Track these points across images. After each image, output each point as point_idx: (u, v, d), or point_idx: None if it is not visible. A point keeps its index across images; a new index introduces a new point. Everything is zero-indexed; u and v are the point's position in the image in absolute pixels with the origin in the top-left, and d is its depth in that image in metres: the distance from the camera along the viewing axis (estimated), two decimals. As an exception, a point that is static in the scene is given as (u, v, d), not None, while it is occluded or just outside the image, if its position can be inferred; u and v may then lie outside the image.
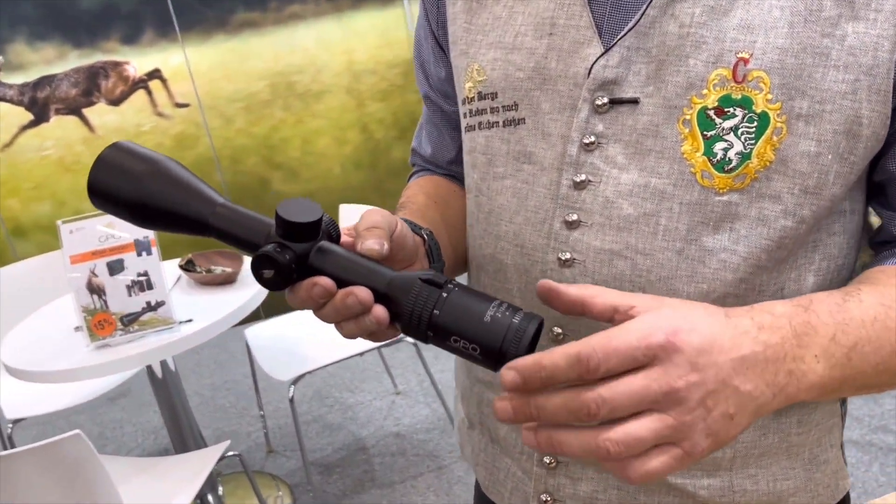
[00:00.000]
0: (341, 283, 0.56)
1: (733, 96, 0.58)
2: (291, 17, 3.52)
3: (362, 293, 0.54)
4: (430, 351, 3.14)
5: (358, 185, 3.82)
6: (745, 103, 0.57)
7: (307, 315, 2.62)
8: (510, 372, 0.48)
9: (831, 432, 0.73)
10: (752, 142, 0.58)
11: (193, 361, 3.56)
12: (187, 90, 3.48)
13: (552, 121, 0.65)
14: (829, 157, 0.58)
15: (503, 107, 0.68)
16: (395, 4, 3.63)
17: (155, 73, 3.43)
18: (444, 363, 3.10)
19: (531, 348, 0.52)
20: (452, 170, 0.89)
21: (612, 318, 0.51)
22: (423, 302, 0.53)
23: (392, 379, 3.02)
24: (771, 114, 0.57)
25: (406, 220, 0.68)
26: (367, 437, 2.72)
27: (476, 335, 0.52)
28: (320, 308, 0.56)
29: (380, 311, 0.54)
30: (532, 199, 0.68)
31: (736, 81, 0.57)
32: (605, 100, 0.62)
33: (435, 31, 0.79)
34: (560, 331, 0.68)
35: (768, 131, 0.58)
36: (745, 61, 0.57)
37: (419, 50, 0.85)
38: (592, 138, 0.63)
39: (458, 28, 0.73)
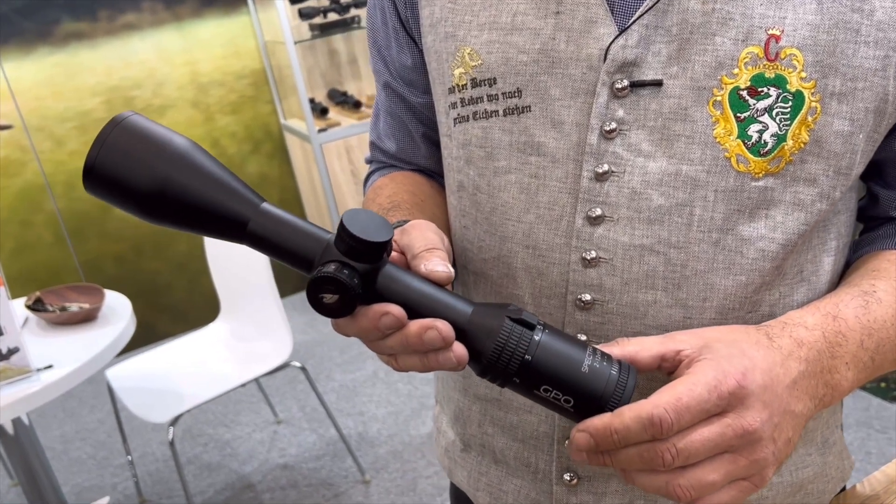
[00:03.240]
0: (412, 312, 0.48)
1: (766, 75, 0.54)
2: (125, 27, 3.24)
3: (445, 329, 0.47)
4: (320, 372, 2.99)
5: (212, 205, 3.58)
6: (779, 82, 0.54)
7: (170, 350, 2.41)
8: (583, 434, 0.48)
9: (835, 413, 0.72)
10: (788, 123, 0.55)
11: (37, 412, 3.17)
12: (8, 110, 3.11)
13: (564, 108, 0.59)
14: (861, 136, 0.56)
15: (503, 94, 0.61)
16: (241, 12, 3.44)
17: (-32, 92, 3.04)
18: (324, 384, 2.96)
19: None
20: (422, 165, 0.81)
21: (661, 366, 0.51)
22: (515, 345, 0.47)
23: (272, 408, 2.84)
24: (805, 93, 0.54)
25: None
26: (251, 473, 2.53)
27: (573, 387, 0.48)
28: (383, 339, 0.48)
29: (461, 349, 0.48)
30: (544, 195, 0.61)
31: (769, 59, 0.54)
32: (626, 83, 0.56)
33: (401, 13, 0.70)
34: (585, 338, 0.62)
35: (803, 111, 0.54)
36: (777, 38, 0.53)
37: (375, 36, 0.75)
38: (613, 125, 0.57)
39: (437, 8, 0.65)
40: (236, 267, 2.39)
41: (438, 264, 0.50)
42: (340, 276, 0.46)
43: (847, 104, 0.55)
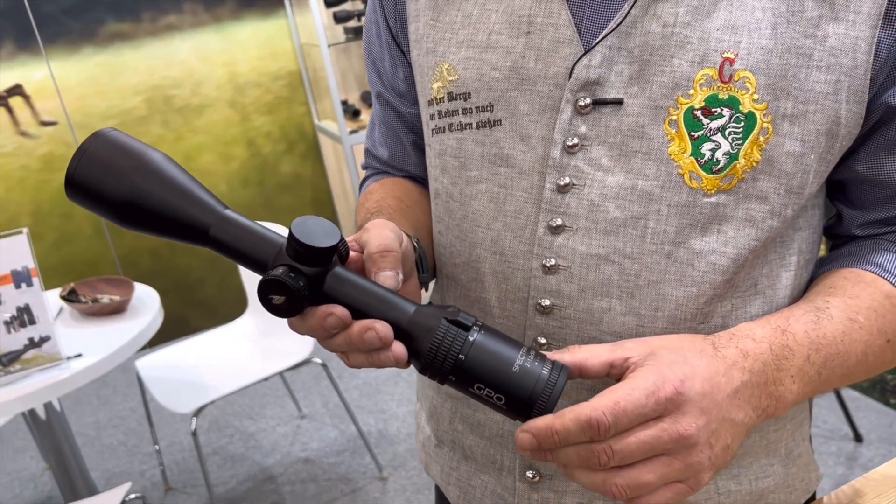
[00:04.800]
0: (357, 313, 0.52)
1: (720, 96, 0.56)
2: (167, 28, 3.34)
3: (383, 330, 0.50)
4: (336, 370, 3.05)
5: (246, 203, 3.67)
6: (732, 103, 0.56)
7: (199, 343, 2.48)
8: (526, 434, 0.50)
9: (802, 426, 0.73)
10: (740, 142, 0.57)
11: (72, 399, 3.29)
12: (54, 107, 3.23)
13: (531, 122, 0.62)
14: (812, 157, 0.58)
15: (477, 108, 0.64)
16: (279, 15, 3.52)
17: (16, 90, 3.16)
18: (348, 381, 3.02)
19: None
20: (413, 172, 0.84)
21: (610, 373, 0.53)
22: (449, 345, 0.50)
23: (295, 402, 2.90)
24: (757, 114, 0.56)
25: None
26: (273, 465, 2.59)
27: (504, 385, 0.50)
28: (330, 338, 0.52)
29: (399, 349, 0.51)
30: (511, 204, 0.64)
31: (722, 81, 0.56)
32: (588, 101, 0.59)
33: (392, 28, 0.74)
34: (544, 341, 0.65)
35: (755, 131, 0.57)
36: (731, 61, 0.56)
37: (370, 47, 0.79)
38: (575, 140, 0.60)
39: (421, 25, 0.69)
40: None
41: (389, 275, 0.53)
42: (286, 280, 0.49)
43: (798, 126, 0.57)
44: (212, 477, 2.57)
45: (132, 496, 1.87)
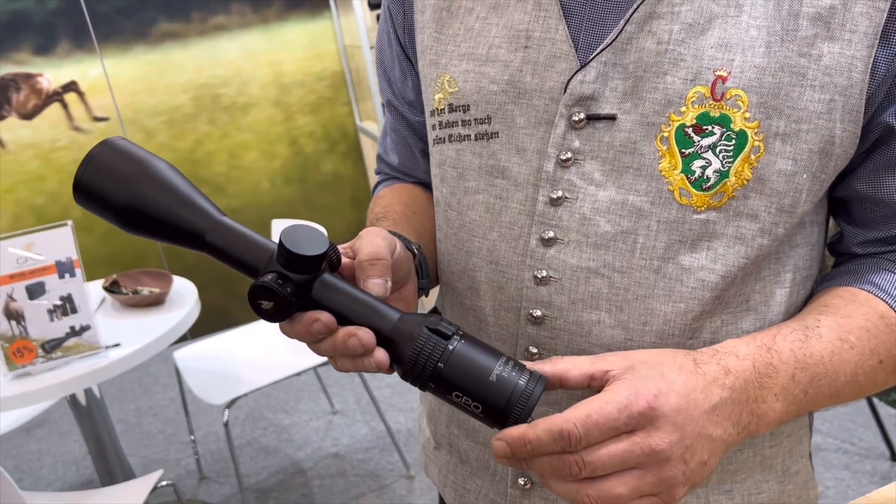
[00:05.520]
0: (343, 320, 0.53)
1: (711, 114, 0.57)
2: (216, 28, 3.42)
3: (365, 336, 0.52)
4: (367, 368, 3.08)
5: (288, 200, 3.74)
6: (724, 121, 0.57)
7: (237, 336, 2.53)
8: (500, 443, 0.51)
9: (801, 443, 0.73)
10: (731, 160, 0.57)
11: (116, 386, 3.40)
12: (106, 103, 3.34)
13: (527, 135, 0.63)
14: (804, 176, 0.58)
15: (475, 120, 0.66)
16: (324, 16, 3.58)
17: (71, 86, 3.27)
18: (381, 379, 3.05)
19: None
20: (422, 178, 0.86)
21: (590, 384, 0.54)
22: (429, 353, 0.52)
23: (329, 398, 2.95)
24: (749, 132, 0.57)
25: (395, 234, 0.65)
26: (304, 459, 2.64)
27: (480, 394, 0.51)
28: (317, 343, 0.54)
29: (381, 355, 0.53)
30: (506, 215, 0.65)
31: (714, 99, 0.57)
32: (582, 115, 0.60)
33: (401, 39, 0.76)
34: (536, 350, 0.66)
35: (746, 150, 0.57)
36: (724, 79, 0.56)
37: (382, 57, 0.82)
38: (569, 154, 0.61)
39: (426, 37, 0.71)
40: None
41: (377, 283, 0.54)
42: (275, 286, 0.51)
43: (791, 145, 0.57)
44: (244, 468, 2.63)
45: (163, 483, 1.93)
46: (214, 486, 2.56)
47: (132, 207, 0.54)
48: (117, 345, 1.81)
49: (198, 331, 3.05)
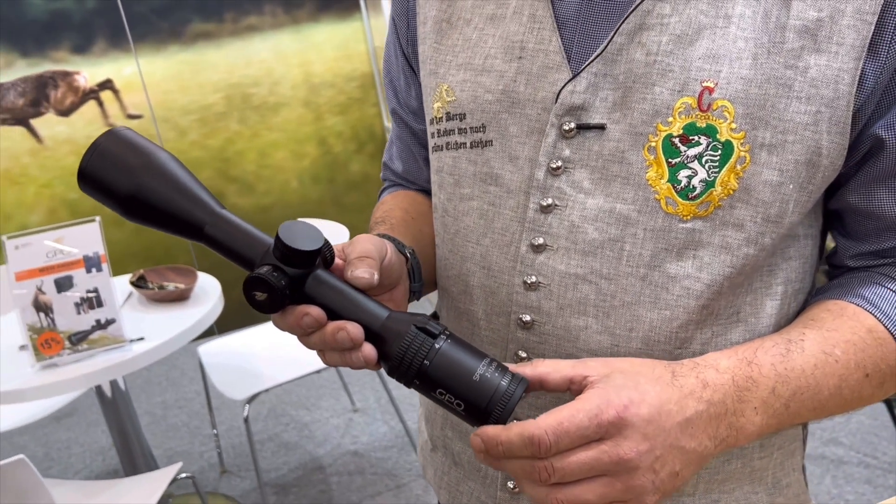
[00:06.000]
0: (334, 314, 0.55)
1: (698, 124, 0.57)
2: (248, 28, 3.48)
3: (354, 331, 0.54)
4: (389, 367, 3.11)
5: (316, 199, 3.78)
6: (710, 132, 0.57)
7: (262, 332, 2.56)
8: (477, 439, 0.53)
9: (793, 455, 0.73)
10: (716, 170, 0.58)
11: (143, 378, 3.47)
12: (140, 101, 3.41)
13: (520, 144, 0.65)
14: (791, 186, 0.58)
15: (471, 128, 0.67)
16: (354, 17, 3.61)
17: (107, 84, 3.35)
18: (402, 379, 3.07)
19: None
20: (425, 186, 0.88)
21: (570, 388, 0.55)
22: (416, 350, 0.53)
23: (350, 396, 2.98)
24: (735, 143, 0.57)
25: (389, 238, 0.67)
26: (323, 455, 2.67)
27: (463, 393, 0.53)
28: (307, 336, 0.56)
29: (369, 350, 0.55)
30: (498, 222, 0.67)
31: (701, 110, 0.57)
32: (573, 125, 0.61)
33: (405, 49, 0.78)
34: (525, 354, 0.67)
35: (732, 160, 0.57)
36: (711, 90, 0.57)
37: (388, 66, 0.84)
38: (559, 163, 0.62)
39: (427, 48, 0.72)
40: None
41: (364, 271, 0.56)
42: (269, 278, 0.53)
43: (777, 155, 0.57)
44: (265, 463, 2.67)
45: (183, 475, 1.97)
46: (235, 479, 2.60)
47: (135, 196, 0.55)
48: (141, 338, 1.85)
49: (225, 326, 3.10)
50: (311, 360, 2.35)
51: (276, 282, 0.53)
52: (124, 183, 0.55)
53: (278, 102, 3.62)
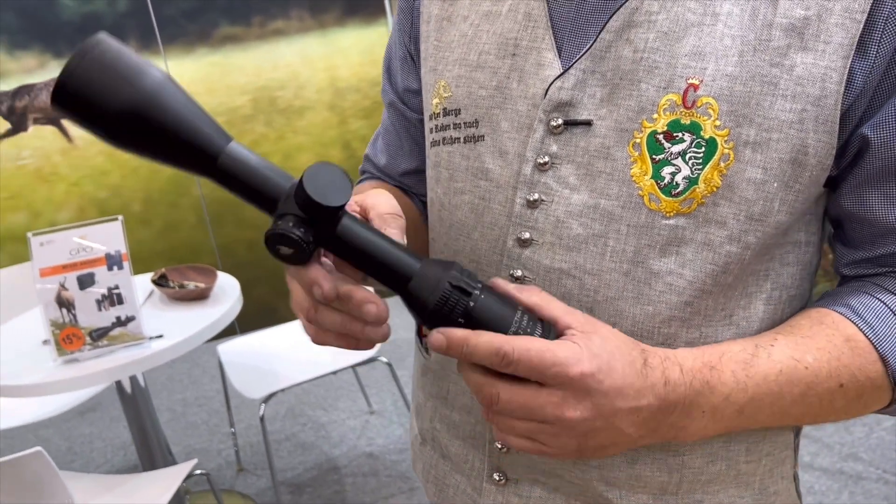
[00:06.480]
0: (366, 262, 0.53)
1: (682, 121, 0.58)
2: (275, 32, 3.52)
3: (384, 307, 0.54)
4: (405, 370, 3.13)
5: (338, 202, 3.81)
6: (694, 129, 0.58)
7: (282, 332, 2.59)
8: (440, 336, 0.54)
9: (783, 463, 0.73)
10: (700, 167, 0.58)
11: (165, 376, 3.52)
12: (168, 103, 3.46)
13: (510, 139, 0.66)
14: (775, 184, 0.58)
15: (465, 123, 0.69)
16: (379, 22, 3.64)
17: (136, 85, 3.41)
18: (419, 383, 3.09)
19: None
20: (403, 182, 0.90)
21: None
22: (452, 306, 0.53)
23: (366, 398, 3.00)
24: (718, 140, 0.57)
25: None
26: (339, 456, 2.69)
27: None
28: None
29: (384, 331, 0.56)
30: (488, 216, 0.68)
31: (685, 107, 0.58)
32: (560, 121, 0.62)
33: (408, 46, 0.80)
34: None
35: (716, 157, 0.58)
36: (695, 87, 0.57)
37: (389, 60, 0.86)
38: (546, 158, 0.63)
39: (428, 45, 0.74)
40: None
41: (395, 231, 0.56)
42: (294, 234, 0.48)
43: (761, 153, 0.57)
44: (281, 462, 2.70)
45: (198, 472, 2.00)
46: (252, 478, 2.63)
47: (134, 112, 0.46)
48: (160, 336, 1.88)
49: (246, 326, 3.14)
50: (326, 362, 2.37)
51: (304, 237, 0.49)
52: (122, 95, 0.46)
53: (304, 106, 3.66)
